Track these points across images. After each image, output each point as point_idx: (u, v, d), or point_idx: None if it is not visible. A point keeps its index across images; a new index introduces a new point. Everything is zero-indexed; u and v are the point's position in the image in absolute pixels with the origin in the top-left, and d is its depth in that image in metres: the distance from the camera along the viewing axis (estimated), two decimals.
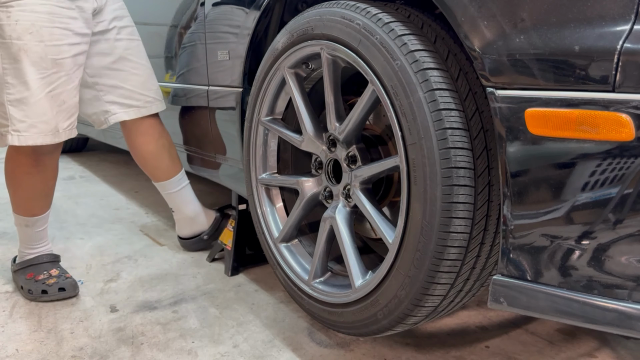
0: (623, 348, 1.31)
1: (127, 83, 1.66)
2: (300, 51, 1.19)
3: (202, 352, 1.31)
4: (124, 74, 1.66)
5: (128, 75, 1.66)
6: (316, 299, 1.24)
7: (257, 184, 1.42)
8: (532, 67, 0.76)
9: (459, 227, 0.92)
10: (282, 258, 1.35)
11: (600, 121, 0.71)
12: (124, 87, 1.66)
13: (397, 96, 0.95)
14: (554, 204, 0.78)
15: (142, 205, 2.60)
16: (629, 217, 0.73)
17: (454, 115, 0.90)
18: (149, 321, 1.46)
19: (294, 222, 1.34)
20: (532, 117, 0.77)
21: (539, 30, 0.76)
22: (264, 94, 1.33)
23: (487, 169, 0.92)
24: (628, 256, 0.74)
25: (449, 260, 0.94)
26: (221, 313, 1.51)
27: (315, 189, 1.29)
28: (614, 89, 0.70)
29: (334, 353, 1.28)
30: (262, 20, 1.42)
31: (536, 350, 1.30)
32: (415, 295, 0.99)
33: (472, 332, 1.39)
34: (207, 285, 1.69)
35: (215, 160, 1.79)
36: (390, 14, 0.99)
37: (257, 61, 1.43)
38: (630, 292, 0.75)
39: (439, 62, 0.93)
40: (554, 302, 0.81)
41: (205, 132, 1.80)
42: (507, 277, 0.86)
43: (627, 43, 0.68)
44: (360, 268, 1.15)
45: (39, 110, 1.41)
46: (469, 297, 1.09)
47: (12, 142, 1.41)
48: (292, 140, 1.30)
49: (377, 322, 1.08)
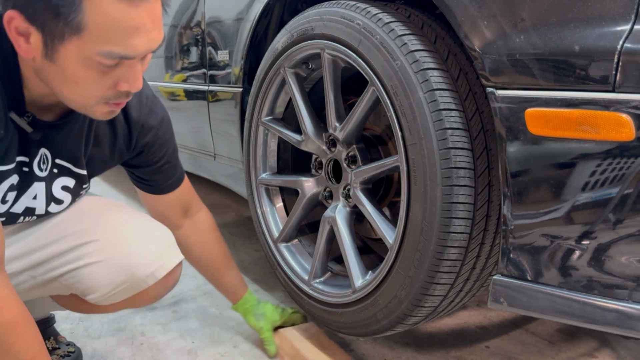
0: (623, 348, 1.31)
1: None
2: (300, 51, 1.19)
3: (202, 352, 1.31)
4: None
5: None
6: (316, 299, 1.24)
7: (257, 184, 1.42)
8: (532, 67, 0.76)
9: (459, 228, 0.92)
10: (282, 258, 1.35)
11: (600, 121, 0.71)
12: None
13: (397, 96, 0.95)
14: (554, 204, 0.78)
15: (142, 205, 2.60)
16: (629, 217, 0.73)
17: (454, 116, 0.90)
18: (148, 321, 1.46)
19: (294, 222, 1.34)
20: (532, 117, 0.77)
21: (539, 30, 0.76)
22: (264, 94, 1.33)
23: (487, 169, 0.92)
24: (628, 256, 0.74)
25: (449, 261, 0.94)
26: (221, 313, 1.51)
27: (315, 189, 1.29)
28: (614, 89, 0.70)
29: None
30: (262, 20, 1.42)
31: (536, 350, 1.30)
32: (415, 295, 0.99)
33: (472, 332, 1.39)
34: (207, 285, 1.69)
35: (215, 160, 1.79)
36: (390, 14, 0.99)
37: (257, 61, 1.43)
38: (630, 292, 0.75)
39: (439, 62, 0.93)
40: (554, 302, 0.81)
41: (205, 132, 1.80)
42: (507, 277, 0.86)
43: (627, 43, 0.68)
44: (360, 268, 1.14)
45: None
46: (469, 298, 1.08)
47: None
48: (292, 140, 1.30)
49: (377, 322, 1.08)
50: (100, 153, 1.07)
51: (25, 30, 0.77)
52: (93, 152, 1.05)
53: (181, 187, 1.24)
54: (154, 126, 1.10)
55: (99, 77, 0.82)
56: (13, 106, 0.88)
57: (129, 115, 1.06)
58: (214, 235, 1.32)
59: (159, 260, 1.09)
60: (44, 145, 0.96)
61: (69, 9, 0.74)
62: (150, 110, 1.09)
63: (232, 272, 1.35)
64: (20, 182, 0.97)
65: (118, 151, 1.09)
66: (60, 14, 0.75)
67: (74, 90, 0.84)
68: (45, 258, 1.06)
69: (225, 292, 1.37)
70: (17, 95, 0.88)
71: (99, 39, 0.77)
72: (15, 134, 0.90)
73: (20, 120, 0.89)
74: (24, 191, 0.98)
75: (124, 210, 1.14)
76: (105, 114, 0.89)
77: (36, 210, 1.02)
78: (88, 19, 0.75)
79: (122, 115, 1.05)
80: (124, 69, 0.82)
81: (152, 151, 1.13)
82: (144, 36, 0.80)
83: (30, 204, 1.01)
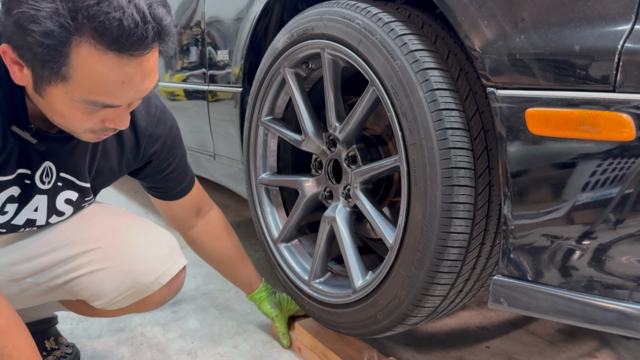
0: (623, 348, 1.31)
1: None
2: (300, 51, 1.19)
3: (202, 353, 1.31)
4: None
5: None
6: (316, 299, 1.24)
7: (257, 184, 1.42)
8: (533, 67, 0.76)
9: (460, 228, 0.92)
10: (282, 258, 1.35)
11: (600, 121, 0.71)
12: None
13: (398, 96, 0.95)
14: (555, 204, 0.78)
15: (142, 205, 2.60)
16: (630, 217, 0.73)
17: (455, 115, 0.90)
18: (148, 321, 1.46)
19: (294, 222, 1.33)
20: (532, 117, 0.77)
21: (540, 30, 0.75)
22: (264, 94, 1.33)
23: (487, 169, 0.92)
24: (628, 256, 0.74)
25: (449, 261, 0.94)
26: (221, 313, 1.51)
27: (315, 189, 1.29)
28: (615, 88, 0.70)
29: None
30: (262, 19, 1.42)
31: (537, 350, 1.30)
32: (415, 295, 0.99)
33: (473, 332, 1.39)
34: (206, 285, 1.69)
35: (214, 160, 1.79)
36: (390, 14, 0.99)
37: (257, 61, 1.43)
38: (630, 293, 0.75)
39: (439, 62, 0.93)
40: (555, 303, 0.81)
41: (204, 132, 1.80)
42: (508, 277, 0.86)
43: (628, 43, 0.68)
44: (360, 268, 1.14)
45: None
46: (469, 298, 1.08)
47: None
48: (292, 140, 1.30)
49: (377, 322, 1.08)
50: (108, 165, 1.06)
51: (18, 62, 0.77)
52: (101, 164, 1.05)
53: (192, 190, 1.25)
54: (162, 135, 1.10)
55: (84, 117, 0.82)
56: (15, 118, 0.88)
57: (137, 125, 1.05)
58: (226, 230, 1.34)
59: (163, 266, 1.09)
60: (47, 158, 0.96)
61: (54, 63, 0.73)
62: (158, 120, 1.09)
63: (247, 264, 1.37)
64: (22, 194, 0.97)
65: (125, 162, 1.09)
66: (46, 63, 0.74)
67: (61, 121, 0.85)
68: (48, 264, 1.06)
69: (240, 285, 1.39)
70: (19, 108, 0.88)
71: (84, 89, 0.77)
72: (16, 146, 0.90)
73: (23, 133, 0.89)
74: (25, 203, 0.98)
75: (126, 216, 1.14)
76: (94, 138, 0.90)
77: (37, 221, 1.03)
78: (74, 71, 0.74)
79: (129, 126, 1.04)
80: (110, 110, 0.82)
81: (160, 159, 1.13)
82: (131, 88, 0.78)
83: (31, 215, 1.01)
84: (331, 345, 1.24)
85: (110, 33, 0.71)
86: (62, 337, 1.32)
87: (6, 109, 0.86)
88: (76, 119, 0.82)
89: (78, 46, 0.72)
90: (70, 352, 1.29)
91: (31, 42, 0.72)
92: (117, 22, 0.70)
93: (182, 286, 1.18)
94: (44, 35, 0.70)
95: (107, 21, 0.70)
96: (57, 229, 1.07)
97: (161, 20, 0.75)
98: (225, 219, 1.35)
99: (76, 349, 1.30)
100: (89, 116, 0.82)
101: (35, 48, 0.72)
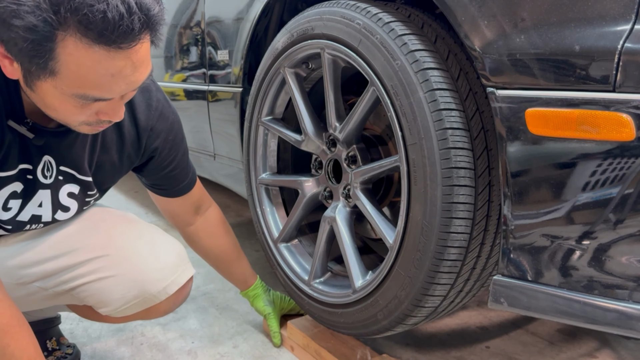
0: (623, 348, 1.31)
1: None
2: (300, 51, 1.19)
3: (202, 353, 1.31)
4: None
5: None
6: (316, 299, 1.24)
7: (257, 184, 1.42)
8: (533, 67, 0.76)
9: (460, 228, 0.92)
10: (282, 258, 1.35)
11: (600, 121, 0.71)
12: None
13: (398, 96, 0.95)
14: (555, 204, 0.78)
15: (142, 205, 2.60)
16: (630, 217, 0.73)
17: (455, 115, 0.90)
18: (148, 321, 1.46)
19: (294, 222, 1.34)
20: (532, 117, 0.77)
21: (540, 30, 0.75)
22: (264, 94, 1.33)
23: (487, 169, 0.92)
24: (628, 256, 0.74)
25: (449, 261, 0.94)
26: (221, 313, 1.51)
27: (315, 189, 1.29)
28: (615, 88, 0.70)
29: None
30: (262, 20, 1.42)
31: (537, 350, 1.30)
32: (415, 295, 0.99)
33: (473, 332, 1.39)
34: (207, 285, 1.69)
35: (214, 160, 1.79)
36: (390, 14, 0.99)
37: (257, 61, 1.43)
38: (630, 293, 0.75)
39: (439, 62, 0.93)
40: (555, 303, 0.81)
41: (204, 132, 1.80)
42: (508, 277, 0.86)
43: (628, 43, 0.68)
44: (360, 268, 1.14)
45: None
46: (469, 298, 1.08)
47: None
48: (292, 140, 1.30)
49: (377, 322, 1.08)
50: (108, 159, 1.05)
51: (8, 56, 0.76)
52: (101, 158, 1.04)
53: (193, 189, 1.24)
54: (163, 130, 1.09)
55: (77, 110, 0.81)
56: (11, 114, 0.87)
57: (137, 120, 1.04)
58: (224, 228, 1.34)
59: (171, 275, 1.09)
60: (47, 152, 0.96)
61: (40, 58, 0.72)
62: (160, 114, 1.07)
63: (242, 262, 1.37)
64: (25, 189, 0.96)
65: (127, 157, 1.07)
66: (32, 59, 0.72)
67: (55, 115, 0.84)
68: (56, 270, 1.05)
69: (236, 281, 1.39)
70: (16, 103, 0.87)
71: (73, 84, 0.75)
72: (16, 141, 0.89)
73: (20, 127, 0.88)
74: (29, 199, 0.98)
75: (135, 223, 1.14)
76: (91, 130, 0.89)
77: (42, 217, 1.02)
78: (61, 65, 0.73)
79: (130, 120, 1.03)
80: (103, 103, 0.81)
81: (162, 155, 1.12)
82: (122, 81, 0.77)
83: (36, 211, 1.00)
84: (324, 343, 1.24)
85: (95, 26, 0.69)
86: (63, 338, 1.32)
87: (2, 103, 0.85)
88: (69, 113, 0.81)
89: (64, 40, 0.70)
90: (70, 353, 1.29)
91: (15, 37, 0.70)
92: (101, 15, 0.68)
93: (188, 296, 1.17)
94: (27, 31, 0.69)
95: (91, 14, 0.68)
96: (65, 233, 1.07)
97: (148, 10, 0.73)
98: (223, 217, 1.35)
99: (77, 349, 1.30)
100: (82, 109, 0.80)
101: (20, 43, 0.71)
